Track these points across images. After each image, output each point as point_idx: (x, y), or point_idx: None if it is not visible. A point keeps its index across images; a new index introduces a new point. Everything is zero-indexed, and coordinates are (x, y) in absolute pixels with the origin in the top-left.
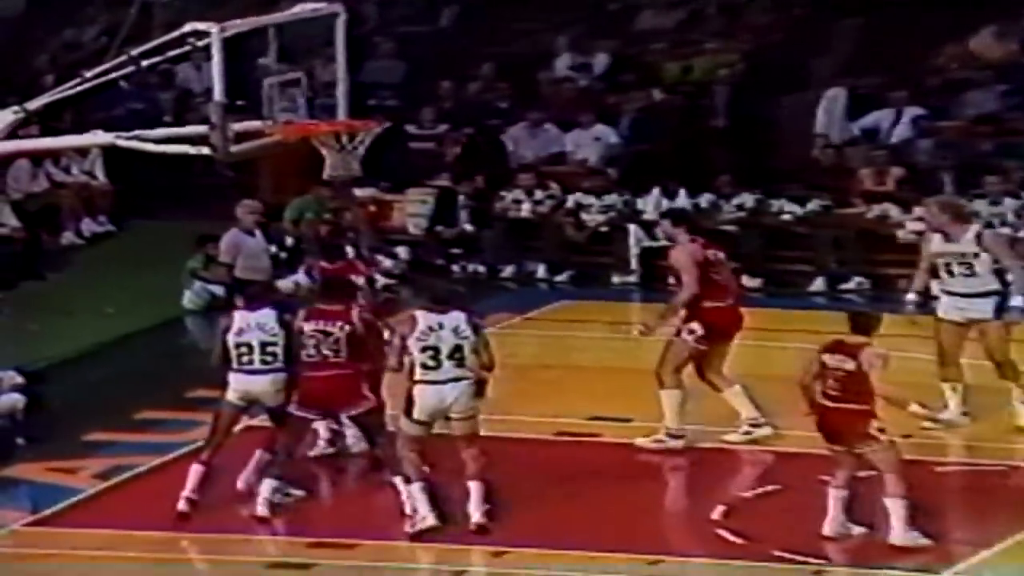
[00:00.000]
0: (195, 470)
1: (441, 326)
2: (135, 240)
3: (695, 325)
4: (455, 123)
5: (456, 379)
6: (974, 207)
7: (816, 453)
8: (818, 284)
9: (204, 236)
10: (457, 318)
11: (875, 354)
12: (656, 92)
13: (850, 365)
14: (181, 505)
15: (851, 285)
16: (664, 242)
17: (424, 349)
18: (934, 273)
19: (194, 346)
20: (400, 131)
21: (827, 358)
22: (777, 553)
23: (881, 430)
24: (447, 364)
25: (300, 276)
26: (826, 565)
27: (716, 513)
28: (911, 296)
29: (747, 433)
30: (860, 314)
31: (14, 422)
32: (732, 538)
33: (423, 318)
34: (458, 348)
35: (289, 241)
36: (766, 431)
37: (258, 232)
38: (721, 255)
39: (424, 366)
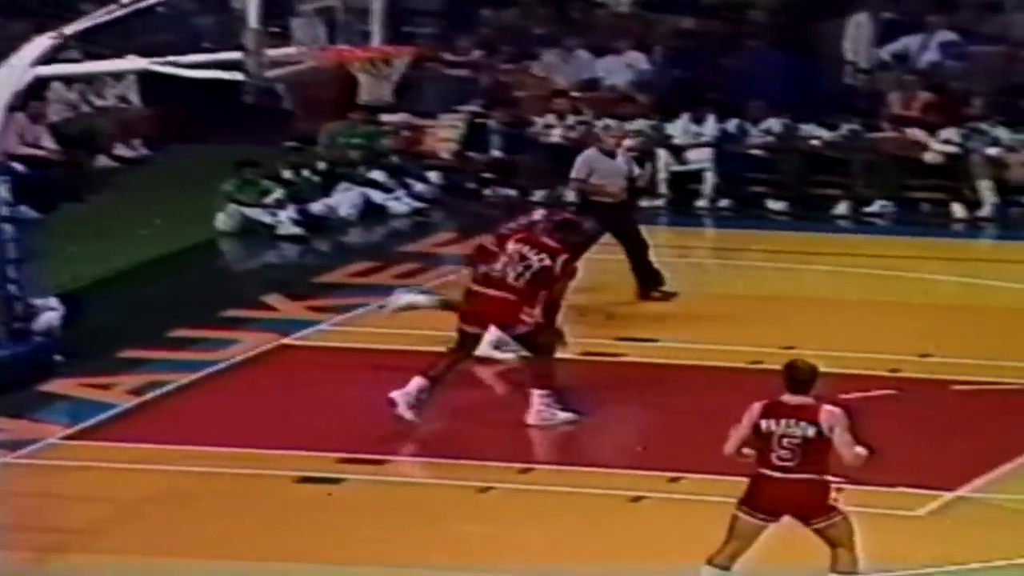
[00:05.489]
0: None
1: None
2: (172, 163)
3: None
4: (491, 50)
5: None
6: (996, 132)
7: (837, 373)
8: (842, 208)
9: (242, 160)
10: None
11: (838, 413)
12: (690, 19)
13: (810, 431)
14: None
15: (875, 208)
16: (695, 166)
17: None
18: None
19: (227, 267)
20: (435, 58)
21: (769, 424)
22: None
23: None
24: None
25: None
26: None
27: None
28: None
29: None
30: (800, 369)
31: (51, 339)
32: None
33: None
34: None
35: (321, 166)
36: None
37: (620, 156)
38: None
39: None
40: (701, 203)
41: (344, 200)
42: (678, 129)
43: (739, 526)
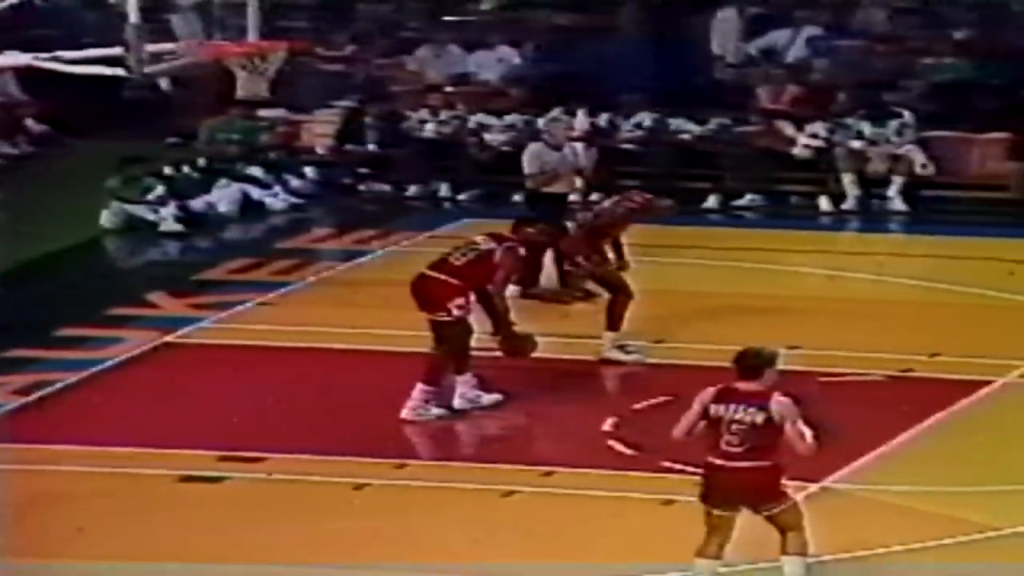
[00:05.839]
0: None
1: None
2: (58, 160)
3: None
4: (366, 45)
5: None
6: (860, 126)
7: (707, 365)
8: (712, 202)
9: (126, 157)
10: None
11: (788, 403)
12: (562, 14)
13: (759, 417)
14: None
15: (744, 202)
16: None
17: None
18: None
19: (112, 265)
20: (310, 53)
21: (718, 409)
22: (665, 463)
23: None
24: None
25: None
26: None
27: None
28: None
29: None
30: (749, 355)
31: None
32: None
33: None
34: None
35: (201, 162)
36: None
37: (568, 148)
38: None
39: None
40: (572, 197)
41: (224, 196)
42: None
43: (711, 520)
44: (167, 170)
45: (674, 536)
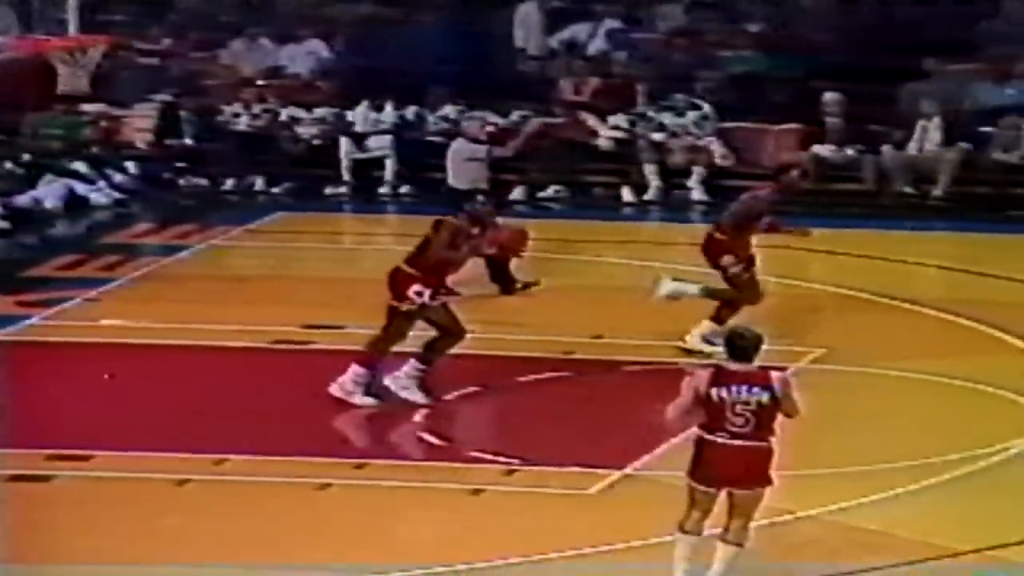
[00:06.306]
0: None
1: None
2: None
3: None
4: (181, 38)
5: None
6: (661, 118)
7: (514, 356)
8: (518, 193)
9: None
10: None
11: (786, 379)
12: (367, 6)
13: (765, 397)
14: None
15: (549, 193)
16: (376, 153)
17: None
18: None
19: None
20: (128, 47)
21: (720, 392)
22: (474, 454)
23: None
24: None
25: None
26: (519, 464)
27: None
28: None
29: None
30: (743, 337)
31: None
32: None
33: None
34: None
35: (26, 157)
36: None
37: (482, 147)
38: None
39: None
40: (383, 190)
41: (49, 192)
42: (358, 116)
43: (697, 497)
44: None
45: (483, 525)
